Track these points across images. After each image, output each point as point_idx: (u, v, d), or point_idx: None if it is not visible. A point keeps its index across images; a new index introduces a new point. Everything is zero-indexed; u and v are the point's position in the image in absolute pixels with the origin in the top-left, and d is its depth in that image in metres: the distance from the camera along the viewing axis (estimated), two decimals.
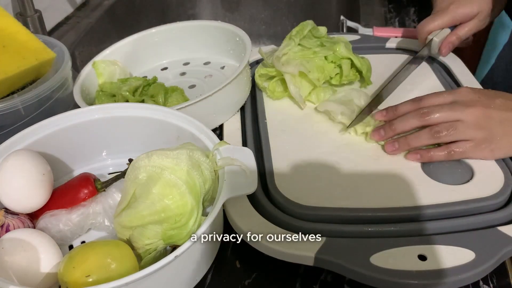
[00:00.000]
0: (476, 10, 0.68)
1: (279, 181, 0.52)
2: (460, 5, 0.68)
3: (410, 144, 0.54)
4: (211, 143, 0.51)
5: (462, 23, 0.70)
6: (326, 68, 0.65)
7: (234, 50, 0.76)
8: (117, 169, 0.59)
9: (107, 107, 0.56)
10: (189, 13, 1.26)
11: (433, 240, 0.45)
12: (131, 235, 0.45)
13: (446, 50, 0.70)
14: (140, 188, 0.45)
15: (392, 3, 1.02)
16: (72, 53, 0.86)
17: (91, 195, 0.51)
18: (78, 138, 0.56)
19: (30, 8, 0.80)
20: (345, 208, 0.49)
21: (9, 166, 0.47)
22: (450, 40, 0.69)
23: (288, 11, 1.23)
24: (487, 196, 0.49)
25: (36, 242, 0.44)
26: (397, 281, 0.42)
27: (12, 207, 0.48)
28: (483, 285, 0.45)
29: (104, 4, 1.04)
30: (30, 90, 0.58)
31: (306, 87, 0.65)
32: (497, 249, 0.44)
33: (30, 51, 0.61)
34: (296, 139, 0.59)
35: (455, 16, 0.69)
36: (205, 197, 0.47)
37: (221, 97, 0.61)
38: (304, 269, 0.47)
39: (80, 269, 0.41)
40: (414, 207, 0.48)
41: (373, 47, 0.78)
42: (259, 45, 1.24)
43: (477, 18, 0.69)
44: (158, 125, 0.55)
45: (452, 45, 0.70)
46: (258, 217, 0.48)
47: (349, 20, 0.92)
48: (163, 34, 0.78)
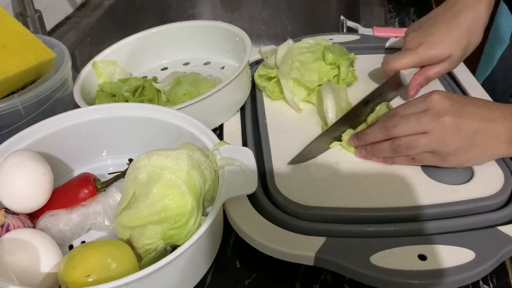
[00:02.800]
0: (447, 53, 0.63)
1: (279, 181, 0.52)
2: (430, 46, 0.63)
3: (374, 154, 0.54)
4: (211, 143, 0.51)
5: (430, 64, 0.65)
6: (323, 70, 0.65)
7: (234, 50, 0.76)
8: (117, 169, 0.59)
9: (107, 107, 0.57)
10: (189, 13, 1.26)
11: (433, 240, 0.45)
12: (131, 235, 0.45)
13: (414, 92, 0.65)
14: (140, 188, 0.45)
15: (392, 3, 1.02)
16: (72, 53, 0.86)
17: (91, 195, 0.51)
18: (78, 138, 0.56)
19: (30, 8, 0.80)
20: (345, 208, 0.49)
21: (9, 166, 0.47)
22: (418, 81, 0.65)
23: (288, 11, 1.23)
24: (487, 196, 0.49)
25: (36, 242, 0.44)
26: (397, 281, 0.42)
27: (12, 207, 0.48)
28: (483, 285, 0.45)
29: (104, 4, 1.04)
30: (30, 90, 0.58)
31: (301, 91, 0.65)
32: (497, 249, 0.44)
33: (30, 51, 0.61)
34: (296, 139, 0.59)
35: (423, 57, 0.64)
36: (205, 197, 0.47)
37: (221, 97, 0.61)
38: (304, 269, 0.47)
39: (80, 269, 0.41)
40: (414, 207, 0.49)
41: (373, 47, 0.78)
42: (259, 45, 1.24)
43: (448, 61, 0.64)
44: (158, 125, 0.55)
45: (420, 87, 0.66)
46: (258, 217, 0.48)
47: (349, 20, 0.92)
48: (163, 34, 0.78)
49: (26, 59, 0.60)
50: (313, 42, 0.68)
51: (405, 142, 0.51)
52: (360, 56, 0.75)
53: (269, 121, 0.62)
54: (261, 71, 0.67)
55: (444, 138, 0.50)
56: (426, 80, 0.65)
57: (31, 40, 0.62)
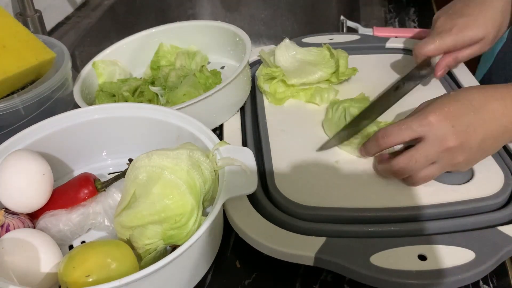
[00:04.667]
0: (482, 34, 0.60)
1: (279, 181, 0.52)
2: (464, 28, 0.60)
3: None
4: (211, 143, 0.51)
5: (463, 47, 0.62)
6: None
7: (234, 50, 0.76)
8: (117, 169, 0.59)
9: (107, 107, 0.57)
10: (189, 13, 1.26)
11: (433, 240, 0.45)
12: (131, 235, 0.45)
13: (442, 72, 0.63)
14: (140, 188, 0.45)
15: (392, 3, 1.02)
16: (72, 53, 0.86)
17: (91, 195, 0.51)
18: (78, 138, 0.56)
19: (30, 8, 0.80)
20: (345, 208, 0.49)
21: (9, 166, 0.47)
22: (447, 62, 0.63)
23: (288, 11, 1.23)
24: (487, 196, 0.49)
25: (36, 242, 0.44)
26: (397, 281, 0.42)
27: (12, 207, 0.48)
28: (483, 285, 0.45)
29: (104, 4, 1.04)
30: (30, 90, 0.58)
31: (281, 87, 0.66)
32: (497, 249, 0.44)
33: (30, 51, 0.61)
34: (296, 139, 0.59)
35: (458, 39, 0.61)
36: (205, 197, 0.47)
37: (221, 97, 0.61)
38: (304, 269, 0.47)
39: (80, 269, 0.41)
40: (414, 207, 0.49)
41: (373, 47, 0.78)
42: (259, 45, 1.24)
43: (481, 43, 0.61)
44: (158, 125, 0.55)
45: (448, 68, 0.64)
46: (258, 217, 0.48)
47: (349, 20, 0.92)
48: (163, 34, 0.78)
49: (26, 59, 0.60)
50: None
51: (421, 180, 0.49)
52: (360, 56, 0.75)
53: (269, 121, 0.62)
54: (265, 70, 0.67)
55: (454, 160, 0.48)
56: (455, 61, 0.63)
57: (31, 40, 0.62)
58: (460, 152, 0.48)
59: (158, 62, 0.77)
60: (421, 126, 0.48)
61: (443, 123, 0.48)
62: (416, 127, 0.48)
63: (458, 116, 0.48)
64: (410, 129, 0.49)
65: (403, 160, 0.49)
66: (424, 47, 0.62)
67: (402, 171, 0.49)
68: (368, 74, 0.71)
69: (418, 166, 0.49)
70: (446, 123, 0.48)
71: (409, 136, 0.49)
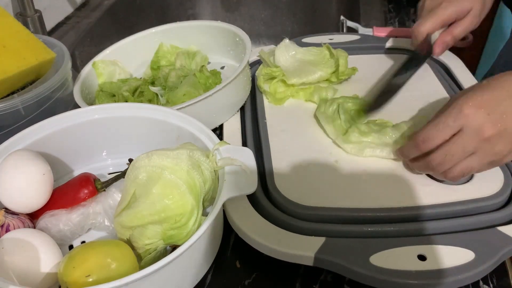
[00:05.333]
0: (468, 6, 0.64)
1: (279, 181, 0.52)
2: (450, 2, 0.65)
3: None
4: (211, 143, 0.51)
5: (456, 21, 0.66)
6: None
7: (234, 50, 0.76)
8: (117, 169, 0.59)
9: (107, 107, 0.57)
10: (189, 13, 1.26)
11: (433, 240, 0.45)
12: (131, 235, 0.45)
13: (440, 49, 0.66)
14: (140, 188, 0.45)
15: (392, 3, 1.02)
16: (72, 53, 0.85)
17: (91, 195, 0.51)
18: (78, 138, 0.56)
19: (30, 8, 0.80)
20: (345, 208, 0.49)
21: (9, 166, 0.47)
22: (445, 39, 0.66)
23: (288, 11, 1.23)
24: (487, 196, 0.49)
25: (36, 242, 0.44)
26: (397, 281, 0.42)
27: (12, 207, 0.48)
28: (483, 285, 0.45)
29: (104, 4, 1.04)
30: (30, 90, 0.58)
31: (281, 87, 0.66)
32: (497, 249, 0.44)
33: (30, 51, 0.61)
34: (296, 139, 0.59)
35: (447, 13, 0.65)
36: (205, 197, 0.47)
37: (221, 97, 0.61)
38: (304, 269, 0.47)
39: (80, 269, 0.41)
40: (414, 207, 0.49)
41: (373, 47, 0.78)
42: (259, 45, 1.24)
43: (471, 15, 0.65)
44: (158, 125, 0.55)
45: (446, 45, 0.67)
46: (258, 217, 0.48)
47: (349, 20, 0.92)
48: (163, 34, 0.78)
49: (26, 59, 0.60)
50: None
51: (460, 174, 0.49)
52: (360, 56, 0.75)
53: (269, 121, 0.62)
54: (265, 70, 0.67)
55: (494, 149, 0.47)
56: (452, 38, 0.66)
57: (31, 40, 0.62)
58: (498, 140, 0.47)
59: (158, 62, 0.77)
60: (458, 120, 0.47)
61: (478, 113, 0.47)
62: (452, 122, 0.48)
63: (492, 103, 0.47)
64: (447, 127, 0.48)
65: (439, 155, 0.49)
66: (422, 26, 0.66)
67: (440, 166, 0.49)
68: (368, 74, 0.71)
69: (455, 159, 0.48)
70: (481, 112, 0.47)
71: (449, 133, 0.48)
